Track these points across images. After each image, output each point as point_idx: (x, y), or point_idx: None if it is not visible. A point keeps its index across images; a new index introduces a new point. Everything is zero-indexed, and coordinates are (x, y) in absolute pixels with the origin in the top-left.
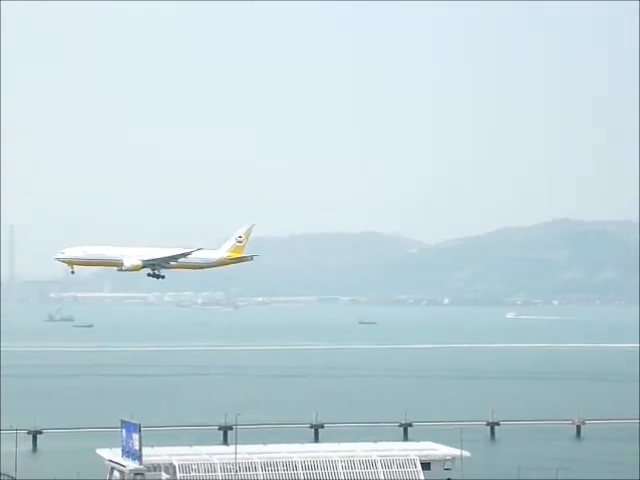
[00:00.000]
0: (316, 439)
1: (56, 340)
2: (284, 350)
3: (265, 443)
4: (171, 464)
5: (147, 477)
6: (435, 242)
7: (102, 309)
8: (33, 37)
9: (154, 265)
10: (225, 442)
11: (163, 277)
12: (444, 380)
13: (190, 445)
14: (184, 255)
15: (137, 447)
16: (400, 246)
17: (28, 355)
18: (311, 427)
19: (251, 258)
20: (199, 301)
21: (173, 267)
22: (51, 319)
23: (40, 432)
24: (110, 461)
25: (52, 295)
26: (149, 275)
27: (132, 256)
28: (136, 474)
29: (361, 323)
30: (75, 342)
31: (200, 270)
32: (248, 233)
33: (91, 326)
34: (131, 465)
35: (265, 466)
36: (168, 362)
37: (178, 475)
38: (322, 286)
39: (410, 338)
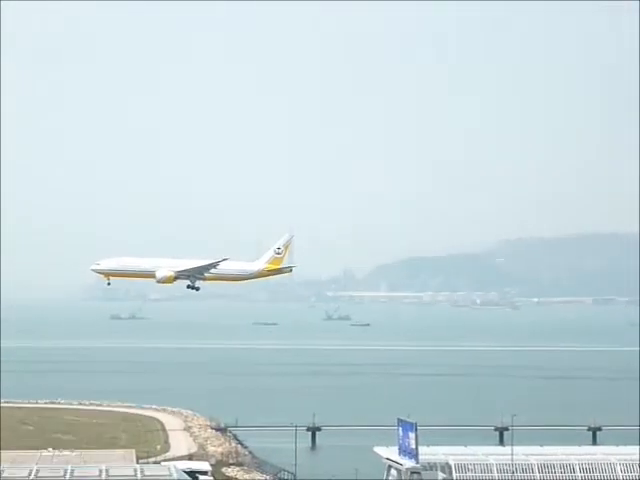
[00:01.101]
0: (594, 442)
1: (333, 338)
2: (557, 351)
3: (542, 444)
4: (447, 463)
5: (424, 476)
6: None
7: (378, 308)
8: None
9: (188, 277)
10: (501, 443)
11: (198, 289)
12: None
13: (465, 445)
14: (213, 266)
15: (413, 446)
16: None
17: (309, 353)
18: (589, 430)
19: (290, 270)
20: (477, 301)
21: (210, 279)
22: (329, 318)
23: (319, 429)
24: (387, 459)
25: (329, 294)
26: (188, 287)
27: (164, 267)
28: (413, 472)
29: (632, 325)
30: (352, 340)
31: (237, 282)
32: (287, 244)
33: (368, 325)
34: (408, 464)
35: (542, 468)
36: (445, 362)
37: (454, 475)
38: (595, 287)
39: None
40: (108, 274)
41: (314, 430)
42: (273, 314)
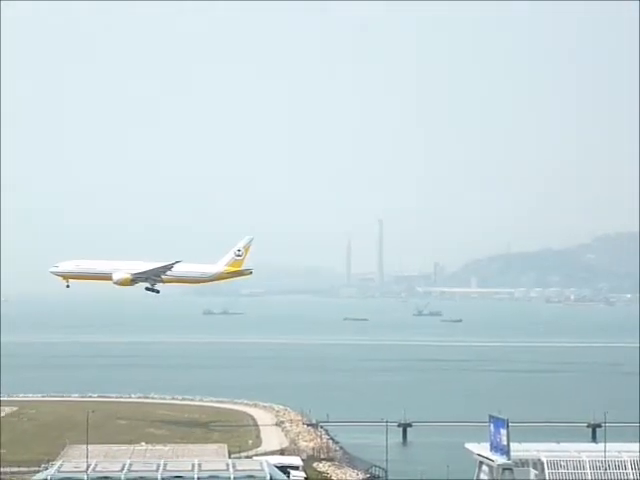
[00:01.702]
0: None
1: (425, 334)
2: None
3: (634, 441)
4: (539, 460)
5: (515, 473)
6: None
7: (469, 304)
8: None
9: (146, 279)
10: (594, 440)
11: (158, 292)
12: None
13: (557, 442)
14: (168, 268)
15: (505, 442)
16: None
17: (399, 348)
18: None
19: (250, 272)
20: (571, 297)
21: (168, 281)
22: (419, 313)
23: (410, 425)
24: (479, 455)
25: (419, 290)
26: (147, 289)
27: (122, 270)
28: (504, 469)
29: None
30: (444, 337)
31: (197, 284)
32: (247, 246)
33: (460, 321)
34: (499, 460)
35: (635, 464)
36: (538, 358)
37: (546, 472)
38: None
39: None
40: (66, 276)
41: (405, 426)
42: (363, 310)
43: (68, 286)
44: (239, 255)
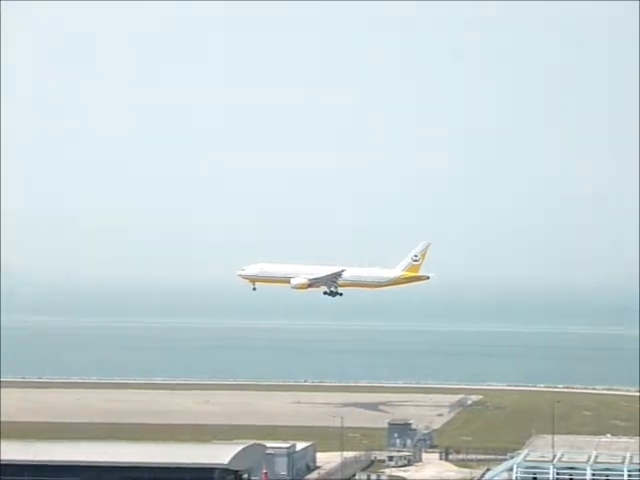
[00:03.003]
0: None
1: None
2: None
3: None
4: None
5: None
6: None
7: None
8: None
9: (325, 284)
10: None
11: (340, 294)
12: None
13: None
14: (338, 274)
15: None
16: None
17: None
18: None
19: (427, 277)
20: None
21: (346, 285)
22: None
23: None
24: None
25: None
26: (325, 293)
27: (300, 275)
28: None
29: None
30: None
31: (374, 289)
32: (424, 252)
33: None
34: None
35: None
36: None
37: None
38: None
39: None
40: (252, 279)
41: None
42: None
43: (254, 289)
44: (416, 260)
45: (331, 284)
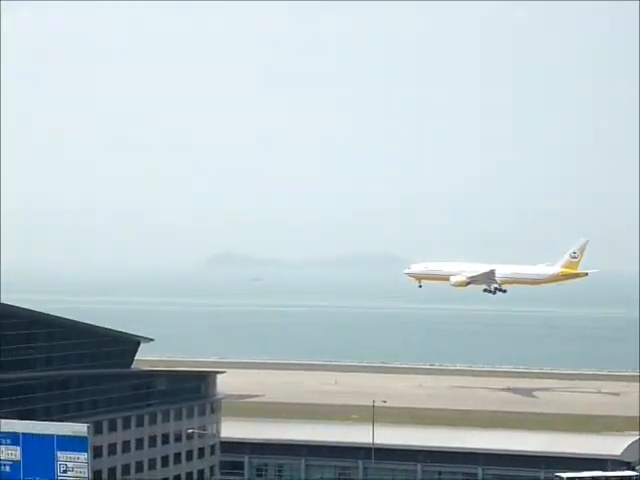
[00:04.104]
0: None
1: None
2: None
3: None
4: None
5: None
6: None
7: None
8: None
9: (484, 282)
10: None
11: (504, 291)
12: None
13: None
14: (492, 273)
15: None
16: None
17: None
18: None
19: (585, 274)
20: None
21: (505, 282)
22: None
23: None
24: None
25: None
26: (485, 290)
27: (459, 273)
28: None
29: None
30: None
31: (532, 285)
32: (583, 249)
33: None
34: None
35: None
36: None
37: None
38: None
39: None
40: (417, 277)
41: None
42: None
43: (420, 286)
44: (574, 257)
45: (490, 282)
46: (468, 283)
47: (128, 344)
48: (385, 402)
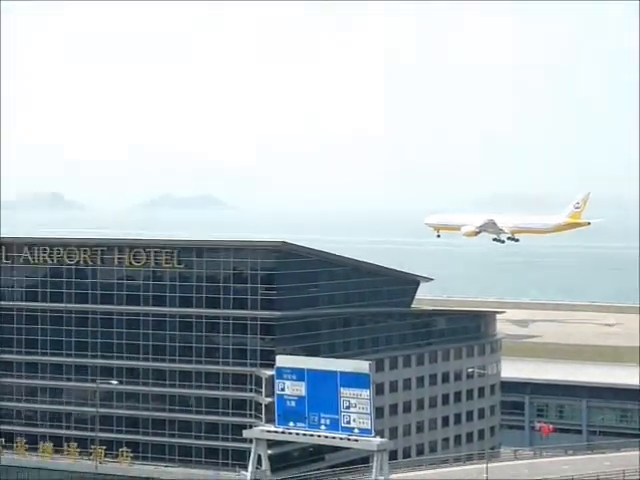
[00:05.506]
0: None
1: None
2: None
3: None
4: None
5: None
6: None
7: None
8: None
9: (493, 232)
10: None
11: (517, 240)
12: None
13: None
14: (492, 222)
15: None
16: None
17: None
18: None
19: (588, 223)
20: None
21: (513, 232)
22: None
23: None
24: None
25: None
26: (494, 240)
27: (469, 224)
28: None
29: None
30: None
31: (539, 235)
32: (586, 199)
33: None
34: None
35: None
36: None
37: None
38: None
39: None
40: (435, 227)
41: None
42: None
43: (439, 236)
44: (577, 207)
45: (498, 232)
46: (477, 233)
47: (408, 283)
48: None
